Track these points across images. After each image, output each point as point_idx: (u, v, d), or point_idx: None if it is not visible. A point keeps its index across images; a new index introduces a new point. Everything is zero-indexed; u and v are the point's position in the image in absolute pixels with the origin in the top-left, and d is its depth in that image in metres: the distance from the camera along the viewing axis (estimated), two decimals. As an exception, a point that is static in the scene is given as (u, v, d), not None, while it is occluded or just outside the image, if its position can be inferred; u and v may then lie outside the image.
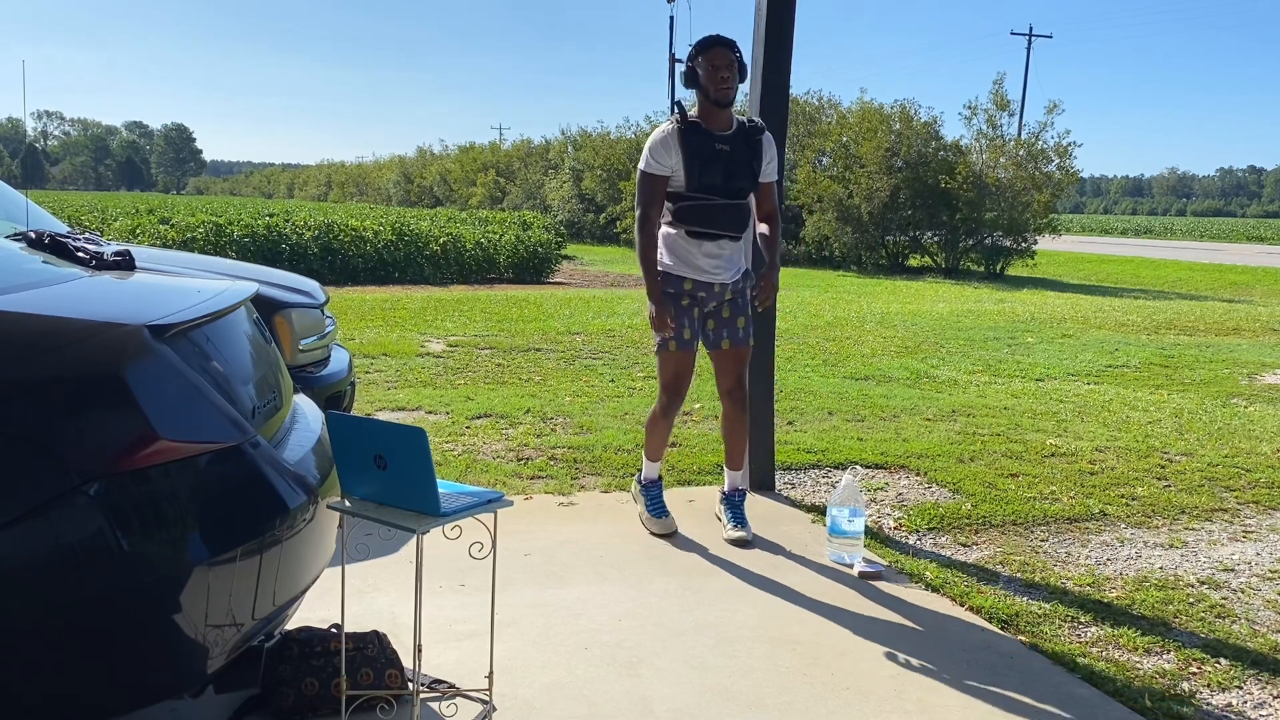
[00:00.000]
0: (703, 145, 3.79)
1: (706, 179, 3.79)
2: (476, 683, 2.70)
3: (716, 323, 4.00)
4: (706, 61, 3.77)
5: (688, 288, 3.90)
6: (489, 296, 13.92)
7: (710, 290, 3.92)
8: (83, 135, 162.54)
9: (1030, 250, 21.70)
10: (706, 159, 3.78)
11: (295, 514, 2.22)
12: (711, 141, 3.80)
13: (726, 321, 3.99)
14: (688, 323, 3.91)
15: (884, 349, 9.57)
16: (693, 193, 3.81)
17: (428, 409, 6.22)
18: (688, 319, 3.91)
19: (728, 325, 3.99)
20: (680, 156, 3.78)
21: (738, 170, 3.83)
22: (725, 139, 3.82)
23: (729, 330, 3.99)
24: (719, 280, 3.92)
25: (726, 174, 3.81)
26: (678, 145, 3.78)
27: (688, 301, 3.92)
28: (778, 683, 2.88)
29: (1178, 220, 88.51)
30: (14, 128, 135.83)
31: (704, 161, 3.78)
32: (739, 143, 3.84)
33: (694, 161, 3.78)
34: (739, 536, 4.00)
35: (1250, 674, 3.08)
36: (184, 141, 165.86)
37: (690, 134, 3.79)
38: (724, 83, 3.76)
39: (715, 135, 3.81)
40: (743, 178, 3.85)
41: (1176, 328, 12.26)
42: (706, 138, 3.80)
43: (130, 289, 2.48)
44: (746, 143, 3.86)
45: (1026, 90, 53.24)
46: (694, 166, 3.78)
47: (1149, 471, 5.29)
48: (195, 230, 15.96)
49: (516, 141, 45.93)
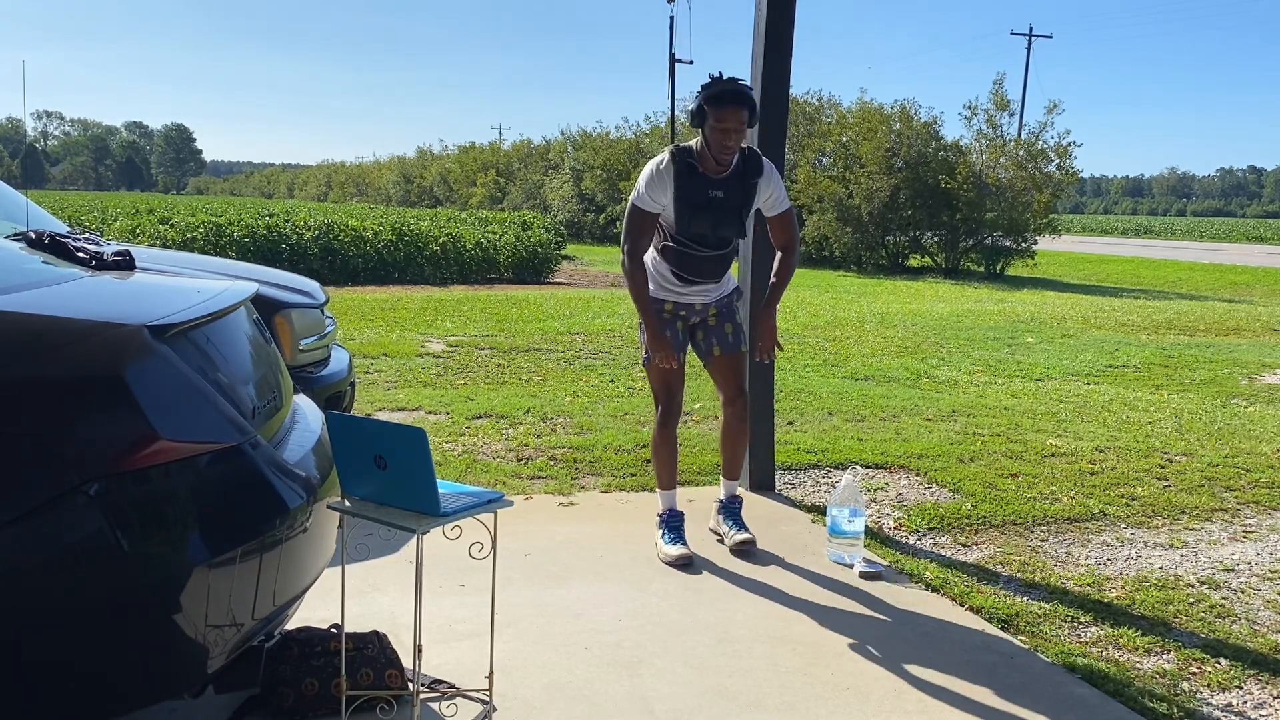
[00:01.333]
0: (696, 192, 3.68)
1: (695, 229, 3.71)
2: (476, 683, 2.70)
3: (704, 332, 3.95)
4: (714, 117, 3.59)
5: (668, 308, 3.88)
6: (489, 296, 13.92)
7: (691, 309, 3.91)
8: (83, 135, 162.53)
9: (1030, 250, 21.71)
10: (697, 207, 3.68)
11: (295, 514, 2.22)
12: (705, 189, 3.69)
13: (714, 329, 3.94)
14: (670, 332, 3.87)
15: (884, 349, 9.57)
16: (679, 237, 3.75)
17: (428, 409, 6.22)
18: (670, 330, 3.87)
19: (715, 332, 3.94)
20: (672, 198, 3.69)
21: (726, 219, 3.72)
22: (720, 183, 3.71)
23: (718, 337, 3.94)
24: (701, 302, 3.91)
25: (714, 224, 3.71)
26: (671, 185, 3.68)
27: (669, 316, 3.88)
28: (778, 683, 2.88)
29: (1178, 220, 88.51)
30: (14, 128, 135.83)
31: (694, 210, 3.68)
32: (734, 186, 3.72)
33: (685, 208, 3.68)
34: (745, 539, 3.96)
35: (1250, 674, 3.08)
36: (184, 141, 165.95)
37: (685, 176, 3.67)
38: (726, 150, 3.63)
39: (710, 180, 3.69)
40: (730, 227, 3.74)
41: (1176, 328, 12.26)
42: (700, 184, 3.68)
43: (130, 289, 2.48)
44: (741, 185, 3.74)
45: (1026, 90, 53.28)
46: (684, 213, 3.69)
47: (1149, 471, 5.29)
48: (195, 230, 15.98)
49: (516, 141, 46.07)
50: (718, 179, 3.71)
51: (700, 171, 3.69)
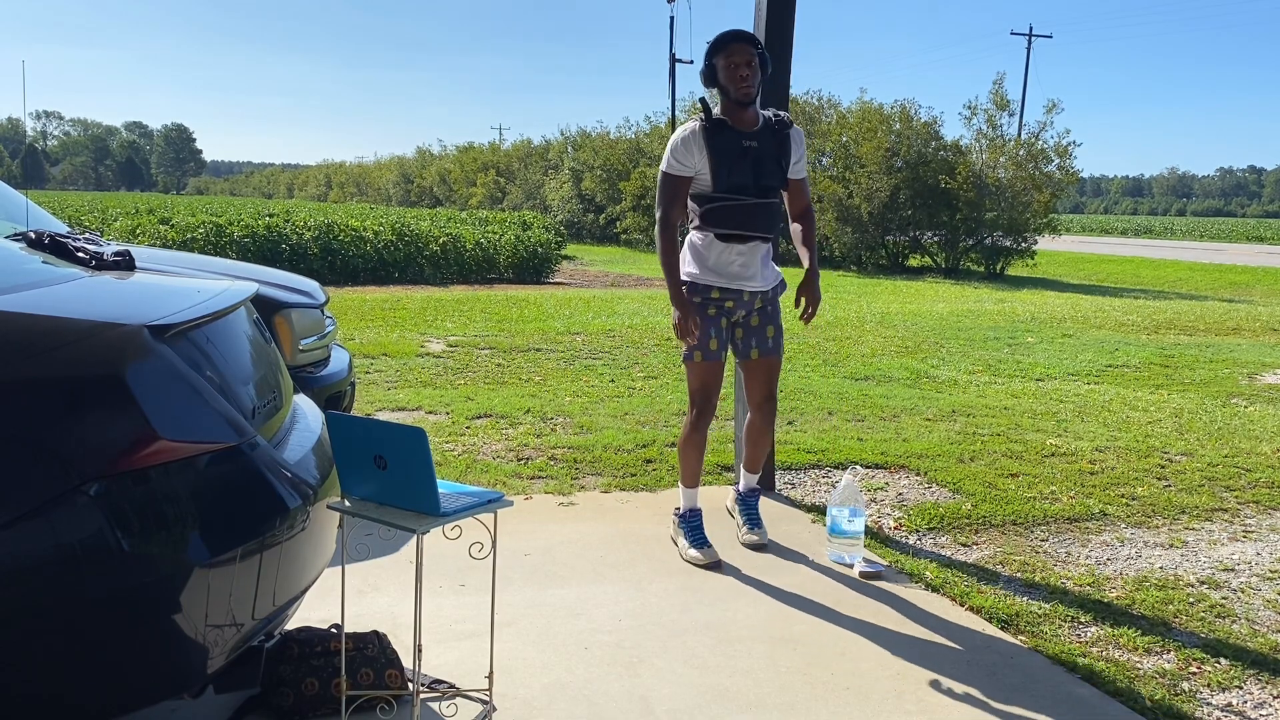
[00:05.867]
0: (729, 143, 3.63)
1: (735, 178, 3.64)
2: (476, 683, 2.70)
3: (745, 331, 3.86)
4: (725, 59, 3.61)
5: (715, 296, 3.75)
6: (489, 296, 13.92)
7: (739, 299, 3.78)
8: (83, 135, 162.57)
9: (1030, 250, 21.70)
10: (734, 157, 3.62)
11: (295, 514, 2.22)
12: (738, 139, 3.64)
13: (755, 330, 3.86)
14: (714, 332, 3.76)
15: (884, 349, 9.57)
16: (721, 193, 3.66)
17: (428, 409, 6.22)
18: (714, 328, 3.76)
19: (756, 334, 3.86)
20: (705, 156, 3.63)
21: (766, 168, 3.67)
22: (752, 135, 3.67)
23: (758, 339, 3.87)
24: (749, 287, 3.77)
25: (755, 172, 3.65)
26: (703, 144, 3.63)
27: (715, 311, 3.77)
28: (778, 683, 2.88)
29: (1178, 220, 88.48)
30: (14, 128, 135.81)
31: (731, 160, 3.62)
32: (766, 139, 3.69)
33: (721, 161, 3.62)
34: (754, 540, 3.96)
35: (1250, 674, 3.08)
36: (184, 141, 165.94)
37: (715, 132, 3.63)
38: (744, 81, 3.60)
39: (742, 133, 3.65)
40: (772, 175, 3.69)
41: (1176, 328, 12.26)
42: (733, 135, 3.64)
43: (130, 289, 2.48)
44: (774, 138, 3.71)
45: (1026, 90, 53.28)
46: (721, 166, 3.62)
47: (1149, 471, 5.29)
48: (195, 230, 15.98)
49: (516, 142, 46.04)
50: (749, 131, 3.68)
51: (731, 126, 3.67)
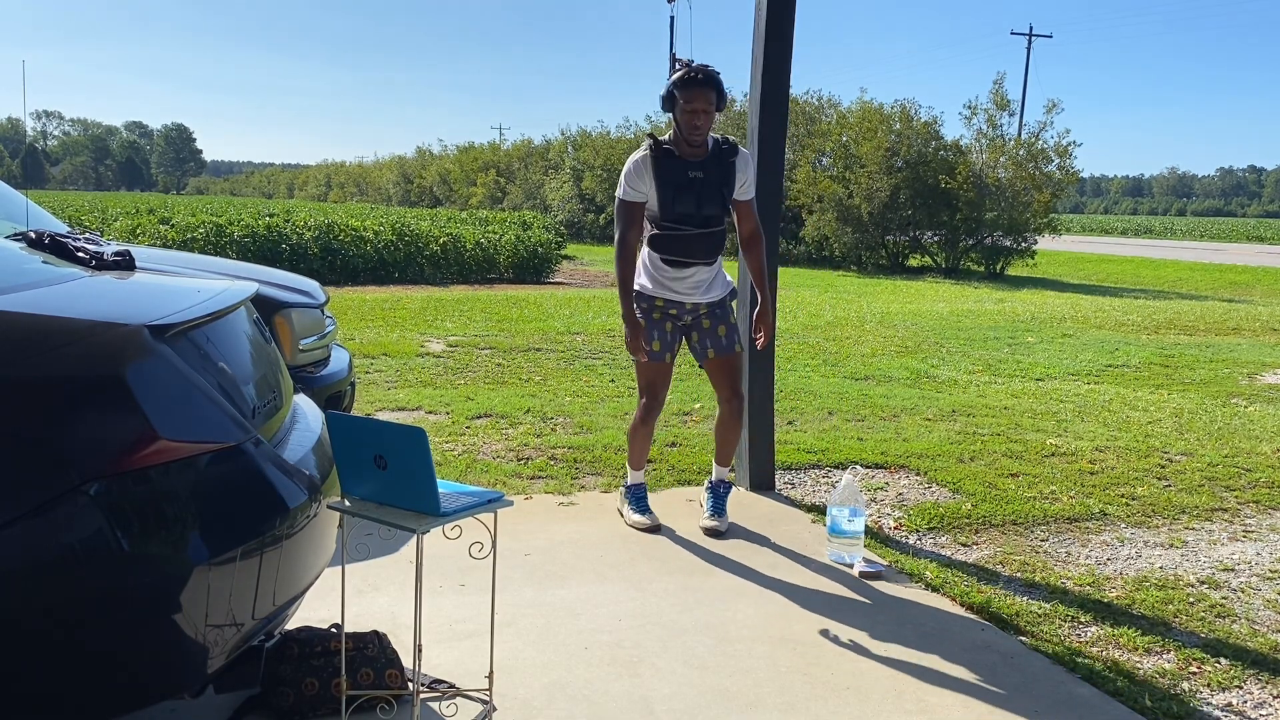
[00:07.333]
0: (675, 174, 3.84)
1: (680, 208, 3.86)
2: (476, 683, 2.70)
3: (699, 334, 4.06)
4: (684, 100, 3.77)
5: (659, 304, 3.99)
6: (489, 296, 13.92)
7: (683, 308, 4.01)
8: (83, 135, 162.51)
9: (1030, 250, 21.70)
10: (678, 188, 3.85)
11: (295, 514, 2.22)
12: (684, 170, 3.84)
13: (708, 332, 4.05)
14: (657, 335, 3.99)
15: (884, 349, 9.57)
16: (668, 222, 3.88)
17: (428, 409, 6.22)
18: (658, 331, 3.99)
19: (709, 335, 4.05)
20: (653, 184, 3.85)
21: (709, 198, 3.88)
22: (698, 165, 3.87)
23: (712, 340, 4.05)
24: (694, 299, 3.99)
25: (699, 202, 3.87)
26: (650, 173, 3.84)
27: (659, 315, 4.00)
28: (778, 683, 2.88)
29: (1178, 220, 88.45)
30: (14, 128, 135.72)
31: (676, 190, 3.85)
32: (712, 167, 3.88)
33: (666, 190, 3.85)
34: (712, 525, 4.08)
35: (1250, 674, 3.08)
36: (184, 141, 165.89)
37: (663, 161, 3.85)
38: (697, 130, 3.79)
39: (689, 163, 3.86)
40: (714, 204, 3.90)
41: (1176, 327, 12.26)
42: (679, 166, 3.84)
43: (130, 289, 2.48)
44: (719, 166, 3.89)
45: (1026, 90, 53.39)
46: (666, 195, 3.85)
47: (1149, 471, 5.29)
48: (195, 230, 15.97)
49: (516, 141, 46.00)
50: (695, 161, 3.87)
51: (677, 156, 3.86)
